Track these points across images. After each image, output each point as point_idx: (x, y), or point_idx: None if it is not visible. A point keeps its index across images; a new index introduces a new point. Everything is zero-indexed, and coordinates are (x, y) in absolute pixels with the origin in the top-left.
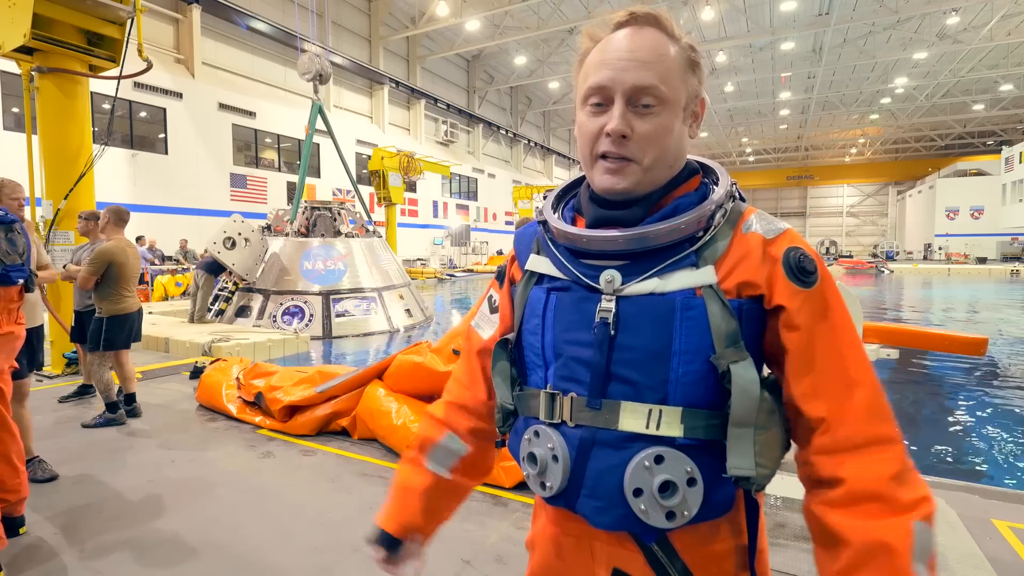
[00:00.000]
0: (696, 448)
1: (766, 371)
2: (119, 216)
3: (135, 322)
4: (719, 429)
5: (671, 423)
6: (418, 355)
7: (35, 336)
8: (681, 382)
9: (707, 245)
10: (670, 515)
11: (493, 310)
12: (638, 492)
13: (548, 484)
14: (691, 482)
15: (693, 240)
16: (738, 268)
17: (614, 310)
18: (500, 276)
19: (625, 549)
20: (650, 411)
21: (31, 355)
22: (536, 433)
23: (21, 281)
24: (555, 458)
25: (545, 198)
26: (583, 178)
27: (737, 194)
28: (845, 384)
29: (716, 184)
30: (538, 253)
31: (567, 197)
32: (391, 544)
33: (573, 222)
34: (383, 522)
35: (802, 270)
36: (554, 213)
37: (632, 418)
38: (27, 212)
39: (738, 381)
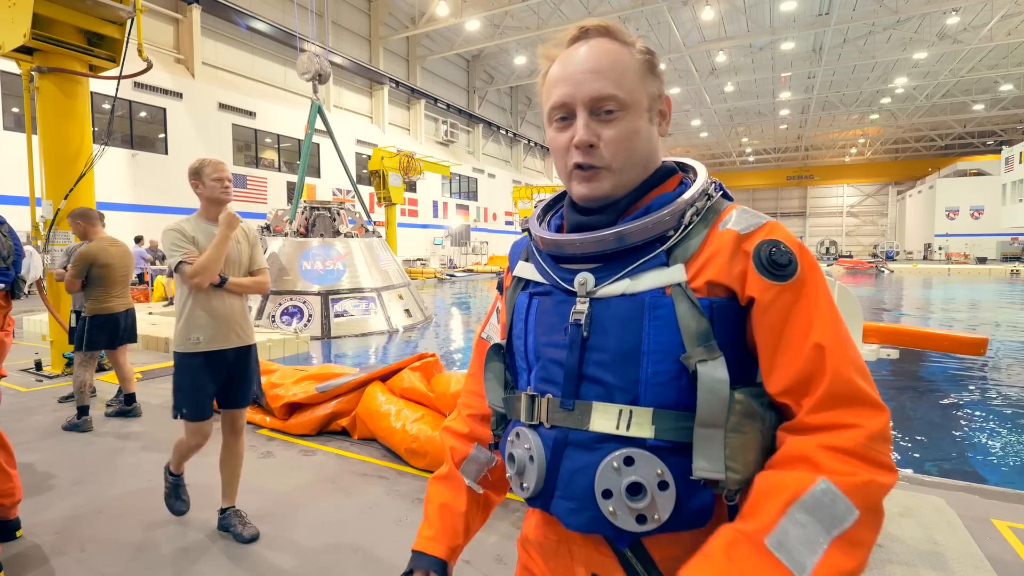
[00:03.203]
0: (668, 450)
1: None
2: (87, 218)
3: (119, 323)
4: (692, 431)
5: (642, 424)
6: (425, 378)
7: (251, 358)
8: (651, 382)
9: (679, 244)
10: (640, 518)
11: (498, 319)
12: (607, 494)
13: (525, 484)
14: (662, 485)
15: (664, 239)
16: (708, 266)
17: (586, 312)
18: (500, 286)
19: (600, 553)
20: (620, 411)
21: (242, 381)
22: (517, 434)
23: (2, 286)
24: (531, 459)
25: (536, 207)
26: None
27: (716, 192)
28: (816, 376)
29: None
30: (526, 260)
31: (556, 206)
32: (441, 568)
33: (559, 230)
34: (431, 548)
35: (773, 263)
36: (539, 223)
37: (603, 419)
38: (230, 191)
39: (704, 380)
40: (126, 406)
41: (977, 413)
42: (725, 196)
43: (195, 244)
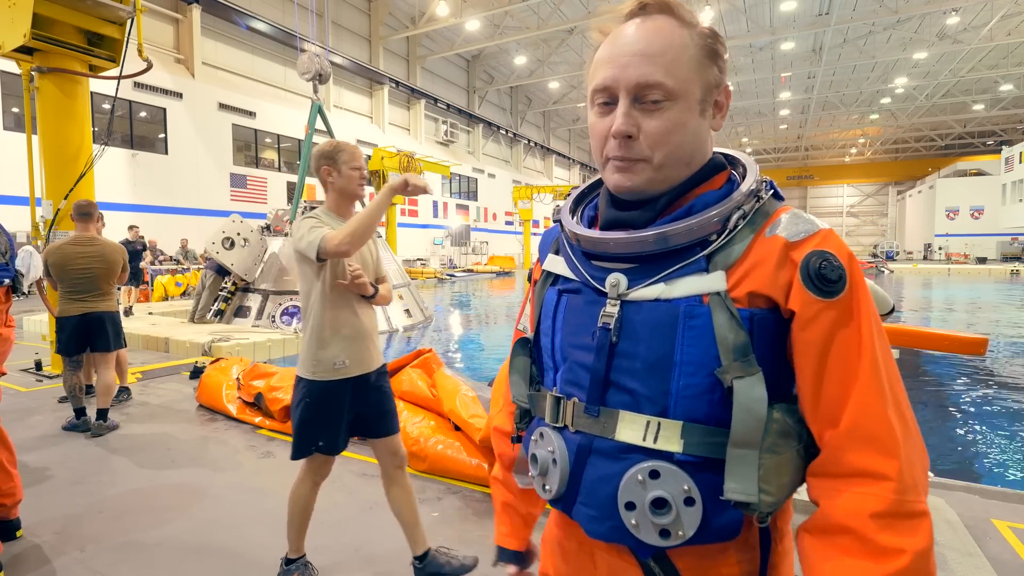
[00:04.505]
0: (696, 466)
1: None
2: (77, 211)
3: (71, 328)
4: (724, 447)
5: (670, 437)
6: (426, 374)
7: (387, 377)
8: (682, 395)
9: (721, 249)
10: (664, 533)
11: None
12: (630, 506)
13: (548, 487)
14: (688, 501)
15: (705, 243)
16: (751, 275)
17: (616, 315)
18: (530, 276)
19: (623, 561)
20: (648, 423)
21: (389, 403)
22: (541, 434)
23: (7, 282)
24: (554, 461)
25: (568, 197)
26: None
27: (766, 192)
28: (847, 406)
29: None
30: (556, 253)
31: (590, 196)
32: (520, 559)
33: (592, 222)
34: (507, 542)
35: (822, 278)
36: (572, 215)
37: (630, 429)
38: (366, 188)
39: (740, 398)
40: (95, 419)
41: (977, 413)
42: (776, 196)
43: None
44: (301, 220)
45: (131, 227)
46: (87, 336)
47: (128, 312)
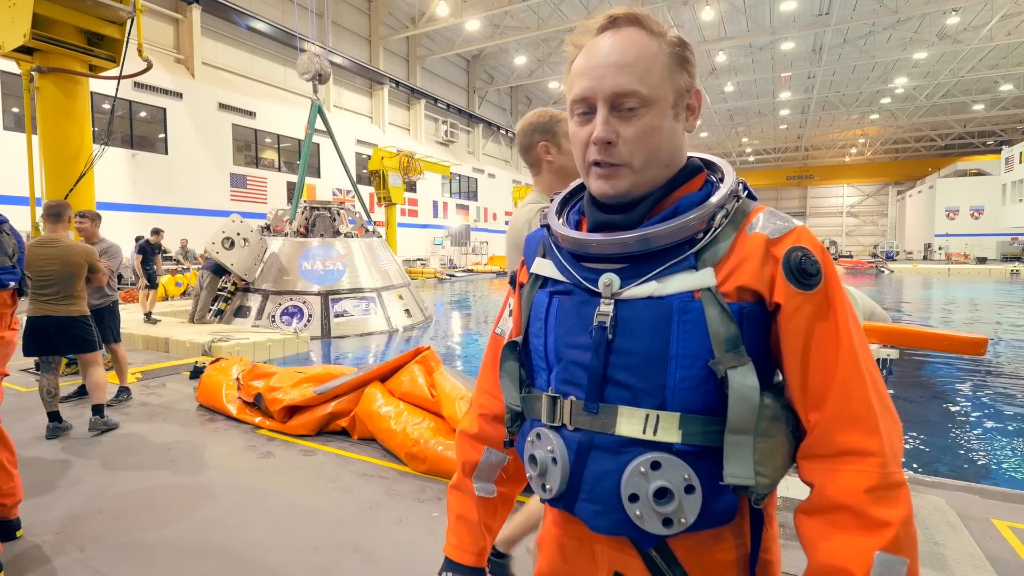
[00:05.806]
0: (694, 455)
1: (779, 376)
2: (45, 211)
3: (29, 330)
4: (719, 435)
5: (669, 428)
6: (426, 372)
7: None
8: (679, 387)
9: (708, 247)
10: (667, 522)
11: (510, 314)
12: (634, 498)
13: (548, 486)
14: (689, 489)
15: (693, 242)
16: (738, 271)
17: (611, 314)
18: (512, 281)
19: (624, 553)
20: (647, 416)
21: None
22: (538, 435)
23: (13, 285)
24: (554, 461)
25: (553, 201)
26: None
27: (743, 192)
28: (832, 390)
29: (722, 182)
30: (543, 256)
31: (572, 201)
32: (472, 573)
33: (578, 225)
34: (457, 556)
35: (803, 272)
36: (558, 217)
37: (629, 423)
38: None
39: (735, 387)
40: (91, 415)
41: (977, 413)
42: (750, 196)
43: None
44: (530, 204)
45: (156, 231)
46: (47, 339)
47: (148, 318)
